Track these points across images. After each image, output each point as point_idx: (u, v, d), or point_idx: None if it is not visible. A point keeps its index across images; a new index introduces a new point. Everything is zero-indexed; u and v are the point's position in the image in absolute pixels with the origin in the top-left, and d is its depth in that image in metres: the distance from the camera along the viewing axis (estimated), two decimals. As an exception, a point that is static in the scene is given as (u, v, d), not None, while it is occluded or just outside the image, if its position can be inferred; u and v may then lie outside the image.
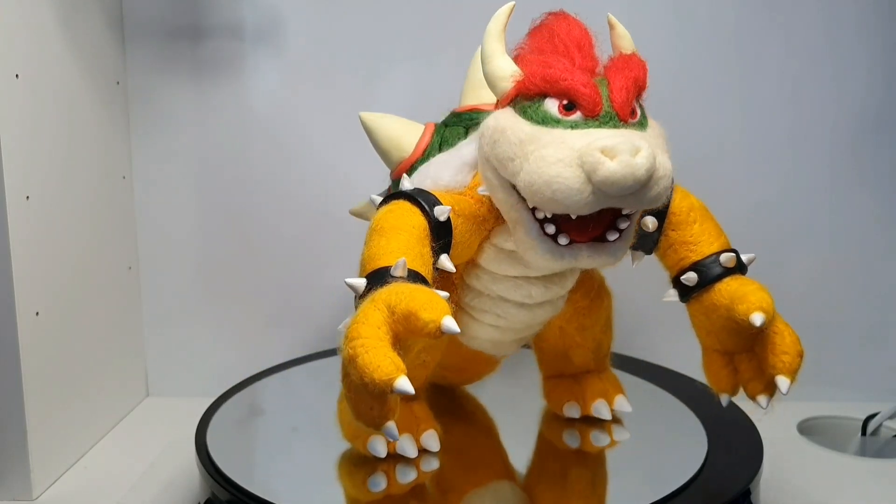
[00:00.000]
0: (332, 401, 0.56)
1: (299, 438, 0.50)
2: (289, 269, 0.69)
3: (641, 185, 0.34)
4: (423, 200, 0.38)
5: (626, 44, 0.41)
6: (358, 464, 0.45)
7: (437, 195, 0.39)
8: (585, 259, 0.38)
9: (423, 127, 0.46)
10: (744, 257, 0.43)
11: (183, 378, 0.70)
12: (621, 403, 0.52)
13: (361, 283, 0.34)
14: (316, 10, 0.65)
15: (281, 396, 0.58)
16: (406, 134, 0.46)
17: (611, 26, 0.42)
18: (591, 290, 0.49)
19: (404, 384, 0.29)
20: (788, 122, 0.65)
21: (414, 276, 0.34)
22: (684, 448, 0.49)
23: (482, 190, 0.40)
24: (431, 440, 0.46)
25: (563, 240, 0.37)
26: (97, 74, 0.61)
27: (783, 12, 0.64)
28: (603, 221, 0.37)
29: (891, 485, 0.54)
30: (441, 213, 0.38)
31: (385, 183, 0.50)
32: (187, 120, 0.66)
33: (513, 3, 0.40)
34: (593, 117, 0.36)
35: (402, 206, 0.38)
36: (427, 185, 0.40)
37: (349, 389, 0.32)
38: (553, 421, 0.53)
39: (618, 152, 0.33)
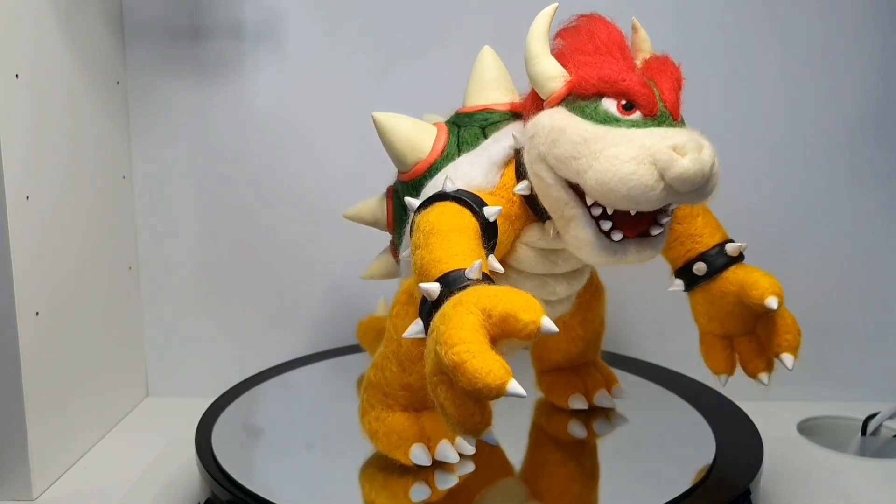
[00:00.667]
0: (333, 401, 0.56)
1: (299, 438, 0.51)
2: (289, 269, 0.69)
3: (706, 181, 0.36)
4: (471, 201, 0.38)
5: (648, 46, 0.43)
6: (380, 468, 0.45)
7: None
8: (633, 254, 0.39)
9: (435, 127, 0.45)
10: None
11: (183, 378, 0.70)
12: (618, 392, 0.54)
13: (436, 287, 0.33)
14: (316, 10, 0.65)
15: (281, 396, 0.58)
16: (420, 134, 0.45)
17: (634, 29, 0.43)
18: (591, 284, 0.50)
19: (517, 387, 0.28)
20: (787, 123, 0.65)
21: (485, 278, 0.33)
22: (684, 448, 0.49)
23: (520, 189, 0.40)
24: (468, 445, 0.44)
25: (616, 235, 0.38)
26: (97, 74, 0.61)
27: (781, 13, 0.64)
28: (649, 217, 0.38)
29: (891, 485, 0.54)
30: (491, 213, 0.38)
31: (384, 184, 0.50)
32: (187, 120, 0.66)
33: (556, 4, 0.41)
34: (652, 117, 0.38)
35: (452, 207, 0.38)
36: (462, 186, 0.40)
37: (448, 398, 0.30)
38: (546, 417, 0.53)
39: (688, 150, 0.35)
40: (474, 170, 0.41)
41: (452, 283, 0.33)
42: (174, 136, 0.67)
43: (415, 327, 0.33)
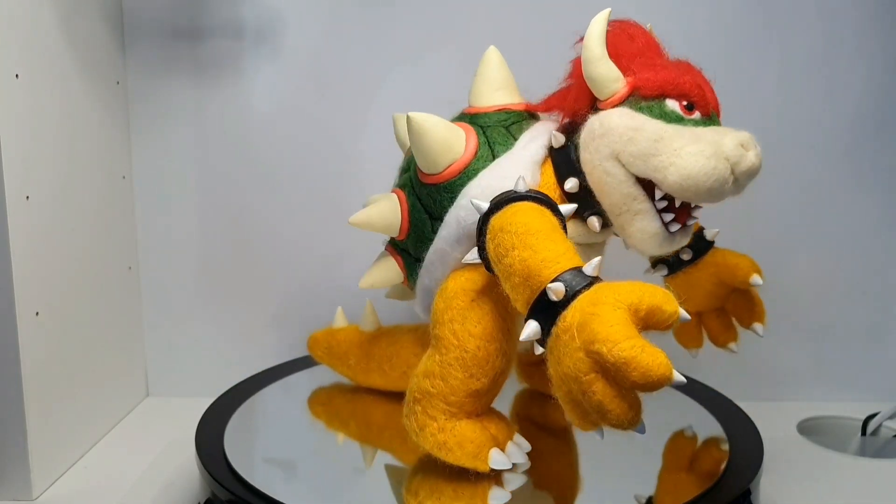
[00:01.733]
0: (333, 401, 0.56)
1: (300, 438, 0.51)
2: (289, 269, 0.69)
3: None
4: (548, 200, 0.39)
5: (664, 51, 0.46)
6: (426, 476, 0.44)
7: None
8: (679, 242, 0.43)
9: (460, 128, 0.45)
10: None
11: (183, 378, 0.70)
12: None
13: (560, 287, 0.33)
14: (316, 10, 0.65)
15: (281, 396, 0.58)
16: (453, 135, 0.44)
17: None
18: None
19: (679, 376, 0.30)
20: (786, 122, 0.65)
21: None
22: (684, 447, 0.49)
23: (570, 187, 0.42)
24: (526, 444, 0.44)
25: (674, 227, 0.42)
26: (97, 74, 0.61)
27: (780, 14, 0.64)
28: (688, 208, 0.42)
29: (891, 485, 0.54)
30: (567, 211, 0.39)
31: (384, 184, 0.50)
32: (187, 120, 0.66)
33: (609, 9, 0.42)
34: (707, 116, 0.41)
35: (533, 206, 0.38)
36: (512, 186, 0.40)
37: (607, 394, 0.31)
38: (530, 407, 0.54)
39: (750, 146, 0.40)
40: (522, 170, 0.42)
41: (573, 281, 0.33)
42: (174, 136, 0.67)
43: (531, 328, 0.34)
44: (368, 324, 0.56)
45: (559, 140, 0.43)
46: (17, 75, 0.49)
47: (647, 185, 0.40)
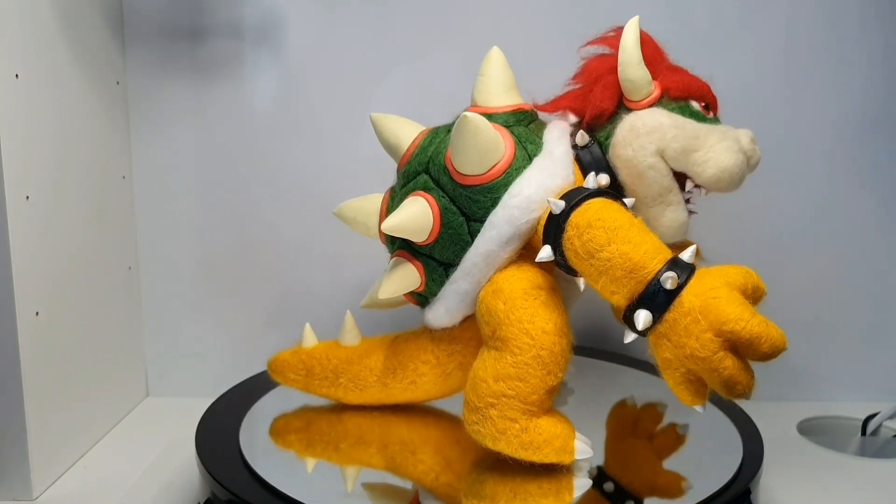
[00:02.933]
0: (334, 401, 0.56)
1: (299, 438, 0.50)
2: (289, 269, 0.69)
3: None
4: (615, 195, 0.41)
5: None
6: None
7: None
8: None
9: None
10: None
11: (183, 378, 0.70)
12: None
13: (673, 275, 0.36)
14: (316, 10, 0.65)
15: (281, 397, 0.57)
16: (498, 135, 0.44)
17: None
18: None
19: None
20: (788, 121, 0.65)
21: None
22: (684, 447, 0.49)
23: (604, 183, 0.44)
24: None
25: (689, 212, 0.47)
26: (97, 74, 0.61)
27: (782, 13, 0.64)
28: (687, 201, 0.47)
29: (891, 485, 0.54)
30: (630, 204, 0.42)
31: (383, 184, 0.50)
32: (187, 120, 0.66)
33: (638, 16, 0.47)
34: (716, 115, 0.47)
35: (610, 202, 0.40)
36: (561, 184, 0.43)
37: (737, 367, 0.36)
38: None
39: (756, 142, 0.46)
40: (564, 168, 0.44)
41: (680, 270, 0.37)
42: (174, 136, 0.67)
43: (644, 317, 0.37)
44: (352, 338, 0.52)
45: (585, 138, 0.46)
46: (16, 75, 0.49)
47: (678, 179, 0.45)
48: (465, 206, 0.44)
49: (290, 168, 0.67)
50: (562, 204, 0.40)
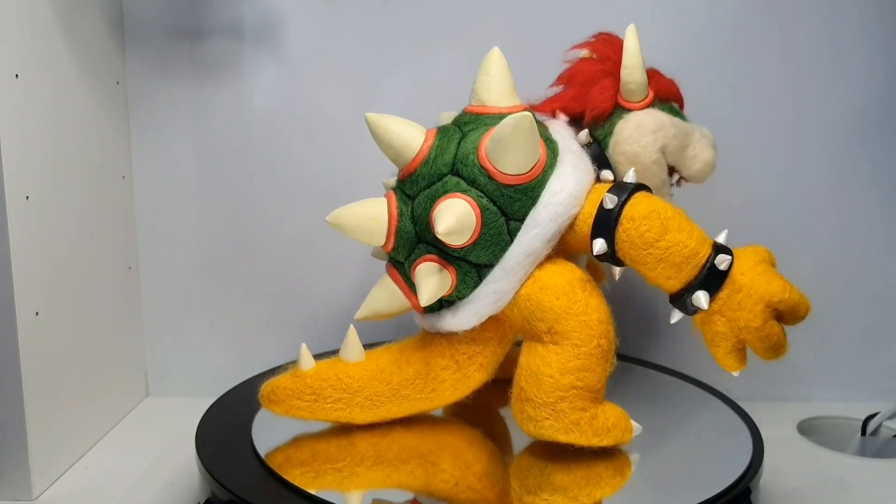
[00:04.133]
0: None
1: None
2: (289, 269, 0.69)
3: None
4: (648, 187, 0.44)
5: None
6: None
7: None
8: None
9: None
10: None
11: (183, 378, 0.70)
12: None
13: (728, 257, 0.42)
14: (316, 10, 0.65)
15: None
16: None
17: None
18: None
19: None
20: (789, 119, 0.65)
21: None
22: (684, 447, 0.49)
23: (609, 178, 0.46)
24: None
25: None
26: (97, 74, 0.61)
27: (783, 7, 0.64)
28: None
29: (891, 485, 0.54)
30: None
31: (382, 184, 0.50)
32: (187, 120, 0.66)
33: (633, 24, 0.49)
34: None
35: (652, 195, 0.43)
36: (591, 179, 0.45)
37: (781, 332, 0.44)
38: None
39: None
40: (588, 164, 0.46)
41: (726, 253, 0.42)
42: (174, 136, 0.67)
43: (704, 297, 0.42)
44: (357, 353, 0.49)
45: (586, 138, 0.49)
46: (16, 75, 0.49)
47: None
48: (506, 205, 0.43)
49: (290, 168, 0.67)
50: (615, 198, 0.42)
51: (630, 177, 0.44)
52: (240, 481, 0.43)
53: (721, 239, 0.43)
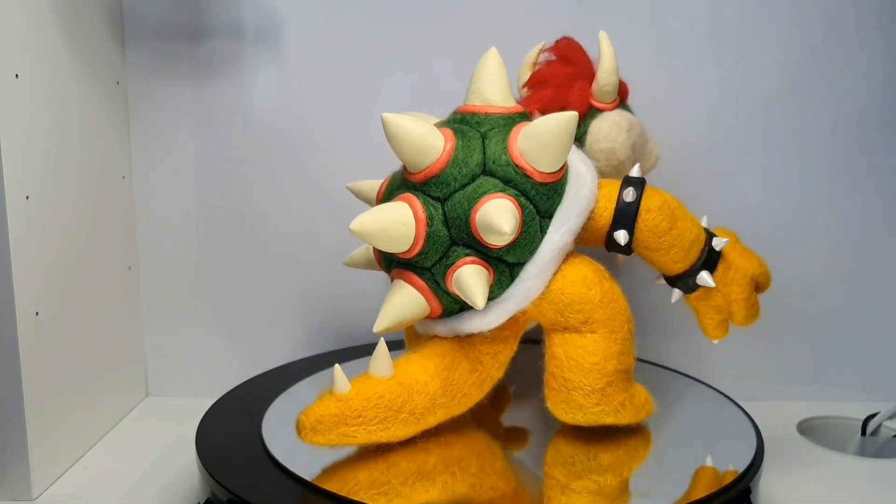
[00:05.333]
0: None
1: (298, 439, 0.50)
2: (289, 268, 0.69)
3: None
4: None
5: None
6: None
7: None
8: None
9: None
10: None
11: (183, 378, 0.70)
12: None
13: (724, 240, 0.48)
14: (316, 10, 0.65)
15: (281, 397, 0.57)
16: None
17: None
18: None
19: None
20: (789, 120, 0.65)
21: None
22: (684, 447, 0.49)
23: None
24: None
25: None
26: (97, 74, 0.61)
27: (782, 11, 0.64)
28: None
29: (891, 485, 0.54)
30: None
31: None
32: (187, 120, 0.66)
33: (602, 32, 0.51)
34: None
35: (654, 187, 0.47)
36: (596, 174, 0.47)
37: (755, 302, 0.50)
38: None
39: None
40: (589, 161, 0.48)
41: (714, 235, 0.48)
42: (174, 136, 0.67)
43: (708, 276, 0.47)
44: (388, 368, 0.45)
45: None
46: (16, 75, 0.49)
47: None
48: (540, 203, 0.44)
49: (290, 168, 0.67)
50: (634, 192, 0.46)
51: (635, 171, 0.47)
52: (240, 481, 0.43)
53: (704, 222, 0.48)
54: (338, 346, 0.68)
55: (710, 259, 0.47)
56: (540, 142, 0.43)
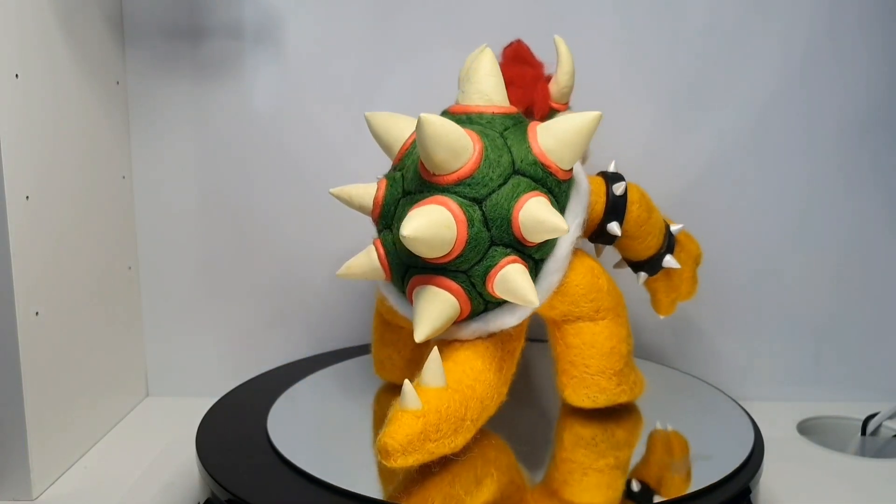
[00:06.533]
0: (335, 402, 0.56)
1: (301, 439, 0.50)
2: (289, 269, 0.69)
3: None
4: None
5: None
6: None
7: None
8: None
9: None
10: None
11: (183, 378, 0.70)
12: None
13: (679, 225, 0.53)
14: (316, 10, 0.65)
15: (281, 397, 0.57)
16: None
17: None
18: None
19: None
20: (788, 121, 0.65)
21: None
22: (684, 446, 0.49)
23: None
24: None
25: None
26: (97, 74, 0.61)
27: (782, 11, 0.64)
28: None
29: (891, 485, 0.54)
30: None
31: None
32: (187, 120, 0.66)
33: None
34: None
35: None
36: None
37: (697, 279, 0.57)
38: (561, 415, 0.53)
39: None
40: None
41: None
42: (174, 136, 0.67)
43: (671, 258, 0.52)
44: (443, 377, 0.42)
45: None
46: (16, 75, 0.49)
47: None
48: (562, 200, 0.45)
49: (290, 168, 0.67)
50: (623, 186, 0.49)
51: (613, 167, 0.50)
52: (240, 481, 0.43)
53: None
54: (338, 346, 0.68)
55: (671, 244, 0.52)
56: (563, 141, 0.43)
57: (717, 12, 0.64)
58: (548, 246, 0.45)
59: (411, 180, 0.44)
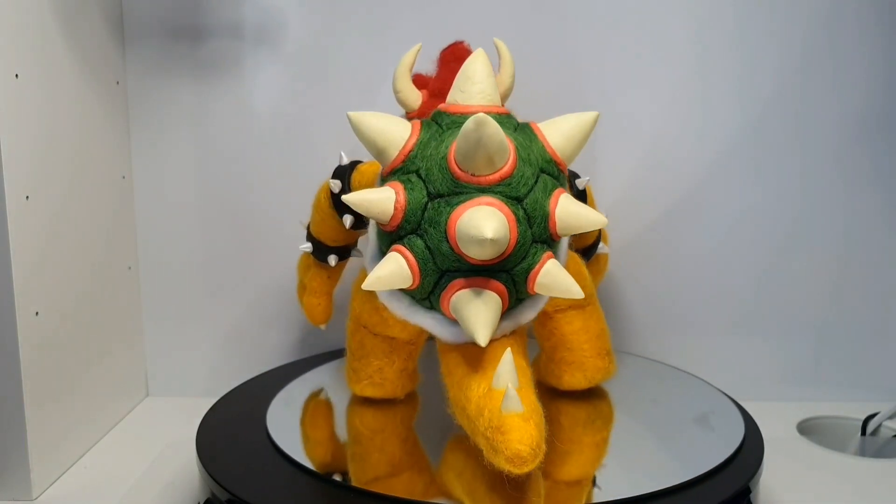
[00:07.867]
0: (333, 402, 0.56)
1: (298, 439, 0.50)
2: (289, 269, 0.68)
3: None
4: None
5: None
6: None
7: None
8: None
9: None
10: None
11: (183, 378, 0.70)
12: None
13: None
14: (316, 10, 0.65)
15: (281, 397, 0.57)
16: None
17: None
18: None
19: None
20: (788, 121, 0.65)
21: None
22: (684, 447, 0.49)
23: None
24: None
25: None
26: (97, 74, 0.61)
27: (782, 10, 0.64)
28: None
29: (891, 485, 0.54)
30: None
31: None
32: (187, 120, 0.66)
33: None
34: None
35: None
36: None
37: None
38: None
39: None
40: None
41: None
42: (174, 136, 0.67)
43: (604, 245, 0.57)
44: (517, 378, 0.41)
45: None
46: (16, 75, 0.49)
47: None
48: None
49: (289, 168, 0.67)
50: (584, 181, 0.51)
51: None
52: (240, 481, 0.43)
53: None
54: (338, 346, 0.68)
55: (600, 232, 0.57)
56: (571, 139, 0.44)
57: (716, 13, 0.64)
58: (561, 240, 0.45)
59: (439, 182, 0.42)
